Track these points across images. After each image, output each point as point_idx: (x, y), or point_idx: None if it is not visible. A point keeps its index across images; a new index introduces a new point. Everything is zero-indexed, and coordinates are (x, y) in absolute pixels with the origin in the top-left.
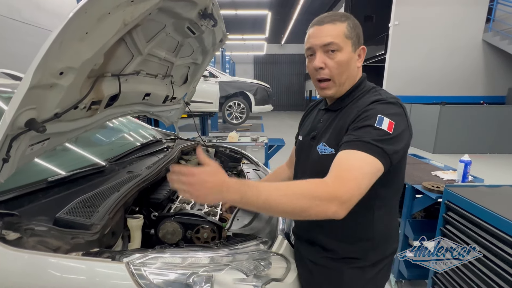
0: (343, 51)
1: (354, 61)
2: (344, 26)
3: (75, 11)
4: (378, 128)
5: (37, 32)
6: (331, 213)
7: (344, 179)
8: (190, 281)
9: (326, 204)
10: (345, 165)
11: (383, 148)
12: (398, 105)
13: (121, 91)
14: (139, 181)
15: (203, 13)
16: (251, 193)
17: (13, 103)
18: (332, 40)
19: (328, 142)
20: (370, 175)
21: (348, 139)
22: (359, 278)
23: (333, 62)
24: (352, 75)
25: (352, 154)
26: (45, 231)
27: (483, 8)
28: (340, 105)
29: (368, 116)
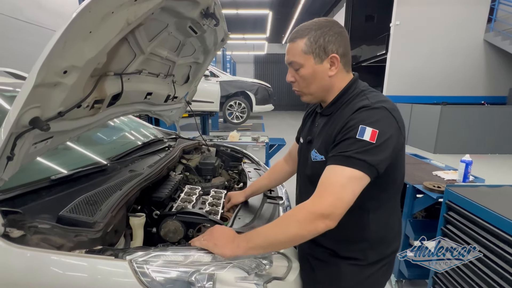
0: (305, 67)
1: (321, 71)
2: (303, 42)
3: (80, 10)
4: (359, 139)
5: (38, 31)
6: (321, 229)
7: (322, 196)
8: (192, 279)
9: (311, 222)
10: (326, 182)
11: (365, 160)
12: (383, 109)
13: (123, 90)
14: (141, 180)
15: (205, 13)
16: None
17: (18, 101)
18: (292, 59)
19: (319, 149)
20: (351, 187)
21: (332, 153)
22: (358, 274)
23: (298, 77)
24: (323, 84)
25: (333, 170)
26: (48, 228)
27: (485, 8)
28: (330, 110)
29: (351, 127)
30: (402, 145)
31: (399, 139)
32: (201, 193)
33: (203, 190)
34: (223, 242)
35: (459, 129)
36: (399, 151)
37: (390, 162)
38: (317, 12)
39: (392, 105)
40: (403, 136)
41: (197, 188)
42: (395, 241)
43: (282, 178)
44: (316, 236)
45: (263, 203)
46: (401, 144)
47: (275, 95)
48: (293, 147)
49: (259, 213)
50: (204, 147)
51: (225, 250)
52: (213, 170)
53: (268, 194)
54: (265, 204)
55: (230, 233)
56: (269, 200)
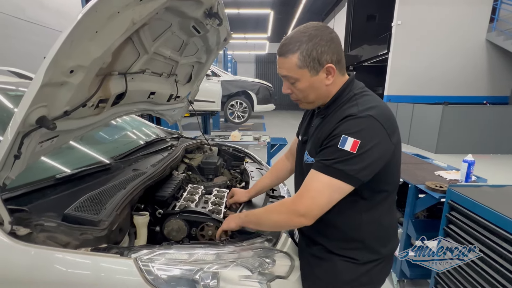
0: (301, 80)
1: (318, 82)
2: (296, 57)
3: (86, 10)
4: (340, 149)
5: (41, 31)
6: (297, 223)
7: (301, 198)
8: (197, 277)
9: (289, 217)
10: (306, 185)
11: (343, 170)
12: (370, 118)
13: (127, 89)
14: (145, 179)
15: (209, 12)
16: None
17: (25, 100)
18: (287, 73)
19: (310, 152)
20: (329, 194)
21: (316, 159)
22: (354, 270)
23: (295, 89)
24: (321, 93)
25: (314, 176)
26: (54, 227)
27: (487, 7)
28: (324, 112)
29: (334, 136)
30: (393, 150)
31: (387, 146)
32: (204, 192)
33: (205, 189)
34: (229, 219)
35: (461, 129)
36: (390, 156)
37: (380, 168)
38: (319, 12)
39: (381, 111)
40: (394, 141)
41: (200, 187)
42: (391, 241)
43: (284, 175)
44: (315, 236)
45: (266, 203)
46: (391, 150)
47: (276, 94)
48: (294, 143)
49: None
50: (206, 147)
51: (231, 224)
52: (215, 169)
53: (270, 194)
54: (267, 203)
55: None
56: (272, 199)
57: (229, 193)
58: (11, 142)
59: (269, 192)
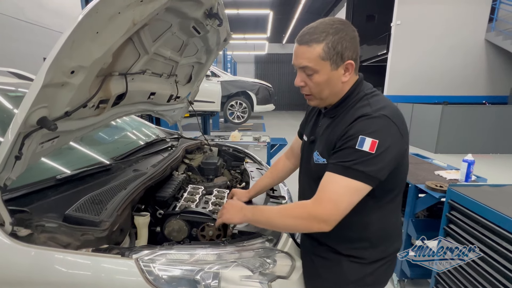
0: (320, 73)
1: (335, 78)
2: (321, 48)
3: (87, 11)
4: (358, 150)
5: (40, 31)
6: (316, 229)
7: (321, 202)
8: (198, 277)
9: (309, 222)
10: (326, 189)
11: (363, 171)
12: (385, 118)
13: (127, 90)
14: (145, 179)
15: (209, 13)
16: (258, 215)
17: (26, 101)
18: (307, 64)
19: (321, 152)
20: (349, 197)
21: (333, 160)
22: (360, 271)
23: (311, 82)
24: (335, 90)
25: (332, 178)
26: (55, 227)
27: (486, 7)
28: (334, 112)
29: (351, 137)
30: (405, 150)
31: (401, 146)
32: (204, 192)
33: (206, 189)
34: (231, 212)
35: (460, 128)
36: (402, 156)
37: (393, 167)
38: (318, 12)
39: (394, 111)
40: (405, 141)
41: (200, 188)
42: (397, 240)
43: (284, 175)
44: (319, 235)
45: (266, 203)
46: (404, 150)
47: (276, 95)
48: (295, 142)
49: None
50: (206, 147)
51: (235, 219)
52: (216, 169)
53: (271, 194)
54: (268, 204)
55: (237, 204)
56: (272, 199)
57: (229, 194)
58: (12, 143)
59: (269, 192)
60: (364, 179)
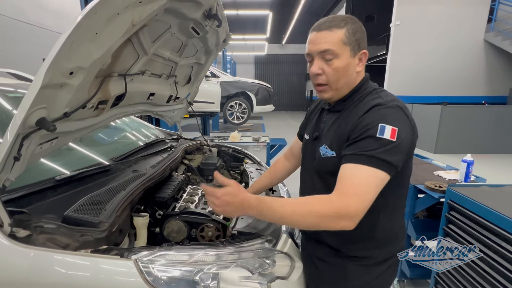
0: (341, 58)
1: (353, 66)
2: (342, 33)
3: (86, 12)
4: (380, 138)
5: (39, 32)
6: (340, 227)
7: (348, 196)
8: (197, 278)
9: (334, 220)
10: (349, 181)
11: (386, 159)
12: (398, 108)
13: (127, 90)
14: (144, 180)
15: (208, 14)
16: (266, 210)
17: (25, 102)
18: (329, 47)
19: (330, 145)
20: (375, 188)
21: (352, 151)
22: (364, 275)
23: (330, 68)
24: (350, 80)
25: (356, 169)
26: (54, 228)
27: (485, 8)
28: (341, 106)
29: (369, 125)
30: (415, 143)
31: (413, 138)
32: (203, 193)
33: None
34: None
35: (459, 129)
36: (413, 149)
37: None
38: (317, 13)
39: (404, 104)
40: (416, 134)
41: (200, 189)
42: (402, 239)
43: (283, 175)
44: (322, 236)
45: None
46: (414, 144)
47: (275, 95)
48: (295, 143)
49: None
50: (205, 148)
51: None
52: (215, 170)
53: (270, 194)
54: None
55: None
56: None
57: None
58: (10, 144)
59: (268, 193)
60: (386, 168)
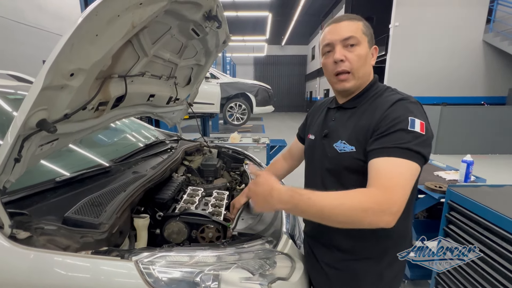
0: (362, 46)
1: (369, 57)
2: (361, 24)
3: (87, 14)
4: (411, 131)
5: (39, 34)
6: (383, 224)
7: (392, 190)
8: (198, 279)
9: (378, 215)
10: (389, 175)
11: (420, 151)
12: (419, 104)
13: (127, 92)
14: (145, 181)
15: (208, 15)
16: (303, 203)
17: (25, 104)
18: (352, 34)
19: (349, 139)
20: (412, 180)
21: (382, 145)
22: (377, 283)
23: (352, 55)
24: (367, 71)
25: (391, 162)
26: (54, 230)
27: (484, 8)
28: (355, 103)
29: (399, 119)
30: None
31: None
32: (204, 194)
33: (205, 191)
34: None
35: (459, 129)
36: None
37: None
38: (317, 14)
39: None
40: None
41: (200, 190)
42: (410, 239)
43: (280, 176)
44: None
45: None
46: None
47: (275, 96)
48: (294, 144)
49: (262, 214)
50: (205, 149)
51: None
52: (215, 171)
53: None
54: None
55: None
56: None
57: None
58: (11, 146)
59: None
60: (419, 160)
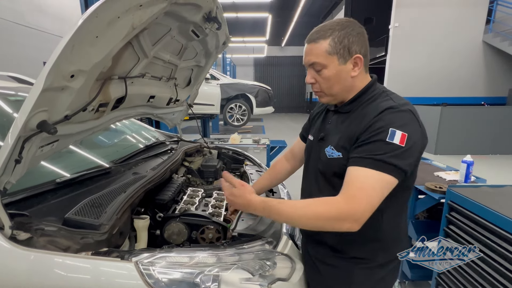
0: (329, 68)
1: (345, 72)
2: (327, 43)
3: (87, 15)
4: (389, 142)
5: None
6: (346, 229)
7: (356, 199)
8: (198, 280)
9: (340, 222)
10: (357, 184)
11: (395, 164)
12: (410, 113)
13: (127, 93)
14: (145, 182)
15: (208, 17)
16: (274, 214)
17: (26, 105)
18: (315, 60)
19: (336, 146)
20: (381, 191)
21: (360, 154)
22: (368, 278)
23: (321, 78)
24: (346, 85)
25: (363, 172)
26: (55, 231)
27: (483, 9)
28: (348, 108)
29: (380, 129)
30: (425, 147)
31: (422, 143)
32: (204, 195)
33: (205, 192)
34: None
35: (459, 130)
36: (422, 153)
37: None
38: (316, 15)
39: (414, 108)
40: (426, 137)
41: (200, 191)
42: (405, 242)
43: (283, 177)
44: (324, 237)
45: None
46: (424, 148)
47: (275, 97)
48: (296, 144)
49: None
50: (206, 150)
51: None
52: (215, 172)
53: (270, 196)
54: None
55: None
56: None
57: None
58: (12, 147)
59: (268, 194)
60: (394, 172)
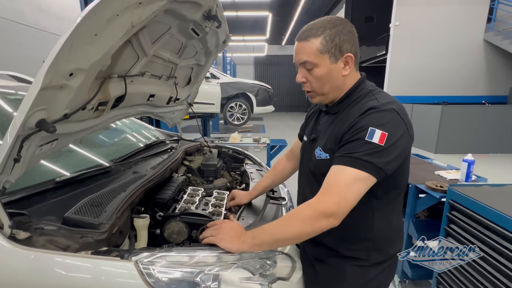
0: (320, 66)
1: (336, 71)
2: (318, 41)
3: (86, 13)
4: (368, 141)
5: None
6: (325, 226)
7: (328, 195)
8: (198, 279)
9: (317, 220)
10: (331, 181)
11: (372, 162)
12: (392, 111)
13: (127, 92)
14: (145, 181)
15: (207, 15)
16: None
17: (24, 104)
18: (306, 58)
19: (324, 147)
20: (358, 188)
21: (340, 153)
22: (361, 276)
23: (312, 77)
24: (337, 84)
25: (340, 170)
26: (54, 230)
27: (484, 7)
28: (337, 108)
29: (360, 129)
30: (410, 146)
31: (407, 142)
32: (204, 194)
33: (206, 191)
34: (229, 237)
35: (460, 128)
36: (407, 152)
37: (400, 163)
38: (317, 14)
39: (400, 106)
40: (411, 137)
41: (200, 190)
42: (398, 241)
43: (284, 176)
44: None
45: (266, 204)
46: (410, 145)
47: (275, 96)
48: (295, 144)
49: (262, 214)
50: (206, 149)
51: (232, 245)
52: (215, 171)
53: (271, 195)
54: (268, 205)
55: (237, 229)
56: (272, 200)
57: (229, 195)
58: (10, 146)
59: (269, 193)
60: (371, 170)
